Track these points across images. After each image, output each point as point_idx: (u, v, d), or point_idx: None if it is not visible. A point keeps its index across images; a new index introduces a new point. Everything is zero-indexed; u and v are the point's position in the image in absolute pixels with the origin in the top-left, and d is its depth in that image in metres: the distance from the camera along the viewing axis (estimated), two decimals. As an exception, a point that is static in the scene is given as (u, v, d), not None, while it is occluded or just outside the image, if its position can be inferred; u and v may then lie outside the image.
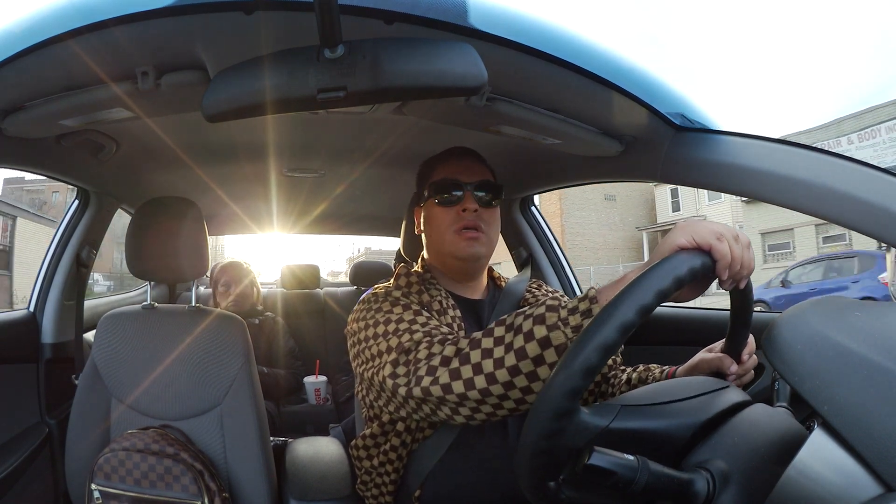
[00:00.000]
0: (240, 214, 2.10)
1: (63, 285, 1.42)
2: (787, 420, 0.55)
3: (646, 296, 0.52)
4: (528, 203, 1.67)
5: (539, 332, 0.64)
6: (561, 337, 0.63)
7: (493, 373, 0.66)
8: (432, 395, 0.69)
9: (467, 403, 0.68)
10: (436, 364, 0.70)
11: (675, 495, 0.49)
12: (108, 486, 1.01)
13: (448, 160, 0.97)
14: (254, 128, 1.17)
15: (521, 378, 0.64)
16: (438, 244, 0.95)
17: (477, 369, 0.67)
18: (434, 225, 0.94)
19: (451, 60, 0.58)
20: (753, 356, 0.78)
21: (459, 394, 0.67)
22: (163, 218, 1.17)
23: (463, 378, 0.67)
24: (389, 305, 0.84)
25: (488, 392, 0.66)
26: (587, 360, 0.49)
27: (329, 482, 1.07)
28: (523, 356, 0.64)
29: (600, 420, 0.53)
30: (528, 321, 0.66)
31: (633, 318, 0.51)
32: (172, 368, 1.14)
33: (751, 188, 0.77)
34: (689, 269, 0.55)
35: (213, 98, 0.61)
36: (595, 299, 0.64)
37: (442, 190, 0.93)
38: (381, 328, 0.80)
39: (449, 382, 0.68)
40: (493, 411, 0.68)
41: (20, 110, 0.85)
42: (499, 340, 0.67)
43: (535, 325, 0.65)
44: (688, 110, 0.86)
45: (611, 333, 0.50)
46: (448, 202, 0.92)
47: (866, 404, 0.40)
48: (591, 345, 0.50)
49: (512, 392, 0.65)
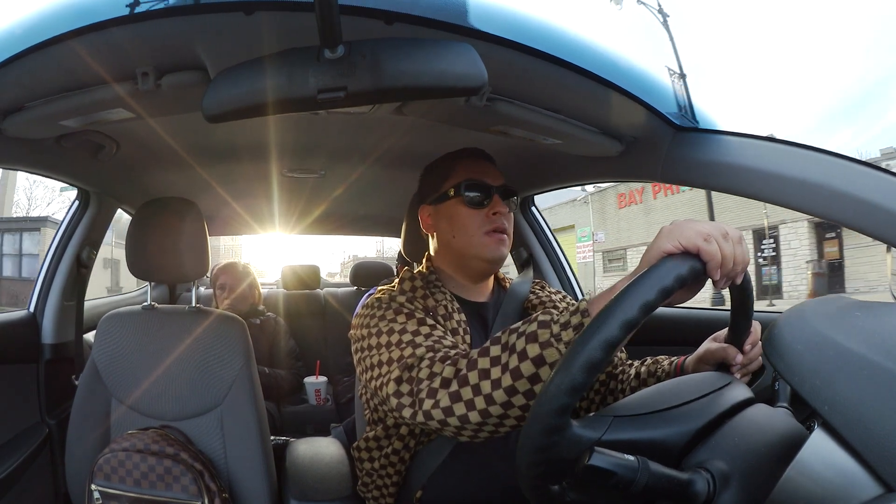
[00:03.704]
0: (240, 215, 2.10)
1: (63, 286, 1.42)
2: (787, 420, 0.55)
3: (631, 310, 0.51)
4: (528, 203, 1.67)
5: (532, 351, 0.64)
6: (554, 354, 0.62)
7: (490, 394, 0.65)
8: (434, 419, 0.69)
9: (468, 426, 0.68)
10: (436, 386, 0.70)
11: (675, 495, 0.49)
12: (108, 486, 1.01)
13: (468, 161, 0.95)
14: (254, 128, 1.17)
15: (519, 397, 0.64)
16: (464, 245, 0.92)
17: (476, 391, 0.67)
18: (460, 225, 0.92)
19: (451, 60, 0.58)
20: (758, 345, 0.77)
21: (460, 416, 0.67)
22: (163, 218, 1.18)
23: (463, 400, 0.67)
24: (393, 314, 0.83)
25: (488, 413, 0.66)
26: (573, 379, 0.49)
27: (329, 483, 1.06)
28: (519, 376, 0.64)
29: (592, 433, 0.52)
30: (522, 340, 0.66)
31: (618, 334, 0.50)
32: (173, 369, 1.14)
33: (751, 188, 0.77)
34: (675, 277, 0.53)
35: (213, 98, 0.61)
36: (587, 312, 0.63)
37: (472, 190, 0.91)
38: (384, 338, 0.80)
39: (450, 405, 0.68)
40: (496, 429, 0.68)
41: (20, 110, 0.85)
42: (495, 360, 0.67)
43: (528, 344, 0.64)
44: (688, 110, 0.86)
45: (596, 353, 0.49)
46: (478, 203, 0.91)
47: (866, 404, 0.40)
48: (577, 363, 0.49)
49: (511, 410, 0.65)
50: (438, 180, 0.96)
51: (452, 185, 0.93)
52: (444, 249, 0.97)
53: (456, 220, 0.93)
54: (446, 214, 0.94)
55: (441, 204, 0.95)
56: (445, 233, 0.95)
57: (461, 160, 0.96)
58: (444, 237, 0.95)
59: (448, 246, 0.95)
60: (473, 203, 0.91)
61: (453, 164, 0.96)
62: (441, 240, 0.96)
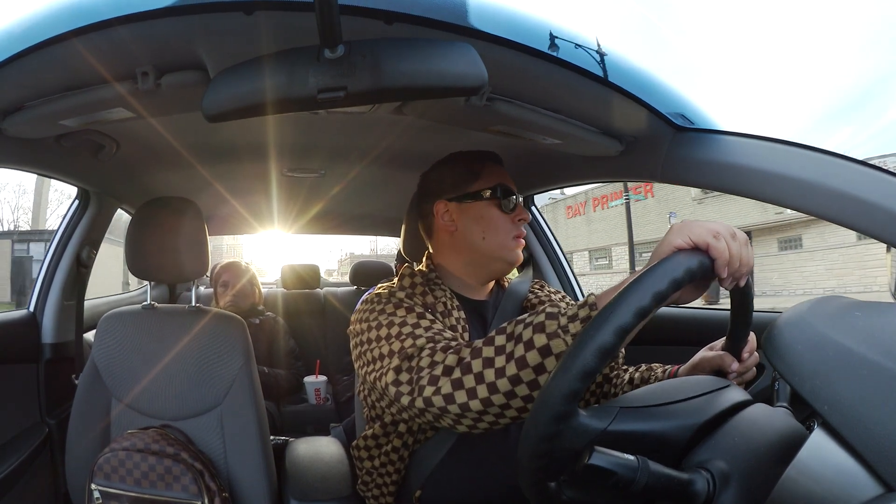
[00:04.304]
0: (239, 213, 2.10)
1: (63, 285, 1.42)
2: (787, 420, 0.55)
3: (643, 298, 0.52)
4: (528, 203, 1.67)
5: (539, 341, 0.64)
6: (561, 345, 0.63)
7: (494, 382, 0.65)
8: (434, 406, 0.69)
9: (469, 414, 0.68)
10: (438, 373, 0.70)
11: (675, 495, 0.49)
12: (108, 486, 1.01)
13: (492, 164, 0.97)
14: (254, 128, 1.17)
15: (523, 387, 0.64)
16: (494, 247, 0.93)
17: (479, 378, 0.67)
18: (493, 227, 0.93)
19: (450, 60, 0.58)
20: (755, 354, 0.78)
21: (461, 404, 0.67)
22: (163, 218, 1.17)
23: (465, 388, 0.67)
24: (393, 307, 0.83)
25: (490, 402, 0.66)
26: (585, 363, 0.49)
27: (329, 482, 1.07)
28: (524, 365, 0.64)
29: (598, 422, 0.53)
30: (528, 330, 0.66)
31: (630, 321, 0.51)
32: (172, 368, 1.14)
33: (751, 188, 0.77)
34: (685, 269, 0.55)
35: (213, 98, 0.61)
36: (595, 306, 0.64)
37: (506, 194, 0.93)
38: (383, 331, 0.80)
39: (451, 392, 0.68)
40: (496, 420, 0.68)
41: (20, 110, 0.85)
42: (500, 349, 0.67)
43: (536, 334, 0.64)
44: (688, 110, 0.86)
45: (608, 337, 0.50)
46: (510, 208, 0.93)
47: (866, 404, 0.40)
48: (589, 348, 0.50)
49: (514, 401, 0.65)
50: (465, 179, 0.95)
51: (487, 187, 0.93)
52: (460, 247, 0.95)
53: (488, 221, 0.93)
54: (475, 214, 0.93)
55: (469, 203, 0.94)
56: (472, 232, 0.93)
57: (486, 163, 0.96)
58: (469, 236, 0.94)
59: (471, 245, 0.94)
60: (506, 207, 0.93)
61: (481, 165, 0.96)
62: (463, 238, 0.95)
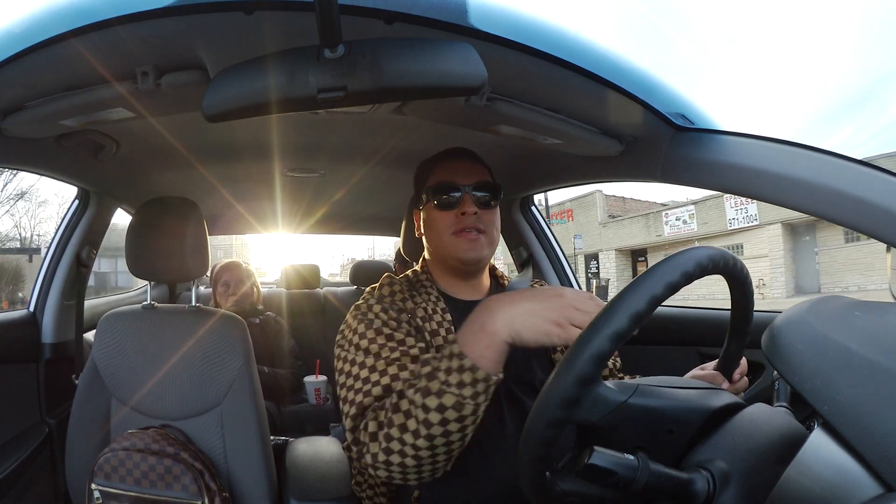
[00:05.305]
0: (240, 214, 2.10)
1: (63, 285, 1.42)
2: (787, 420, 0.55)
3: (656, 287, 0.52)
4: (528, 203, 1.67)
5: (432, 403, 0.66)
6: (451, 399, 0.65)
7: (415, 443, 0.68)
8: (381, 470, 0.72)
9: (410, 470, 0.71)
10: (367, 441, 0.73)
11: (675, 495, 0.49)
12: (109, 485, 1.01)
13: (445, 162, 0.96)
14: (254, 128, 1.17)
15: (439, 437, 0.67)
16: (437, 247, 0.94)
17: (402, 444, 0.69)
18: (434, 228, 0.93)
19: (451, 60, 0.58)
20: (744, 378, 0.79)
21: (399, 464, 0.70)
22: (163, 218, 1.17)
23: (395, 451, 0.70)
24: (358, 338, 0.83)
25: (420, 457, 0.69)
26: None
27: (329, 482, 1.07)
28: (428, 425, 0.67)
29: (619, 395, 0.53)
30: (418, 395, 0.68)
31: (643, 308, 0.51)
32: (173, 368, 1.14)
33: (751, 188, 0.77)
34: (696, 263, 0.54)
35: (213, 98, 0.61)
36: (463, 355, 0.65)
37: (440, 193, 0.92)
38: (346, 366, 0.81)
39: (386, 458, 0.70)
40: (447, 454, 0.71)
41: (20, 110, 0.85)
42: (407, 414, 0.69)
43: (425, 398, 0.67)
44: (688, 110, 0.86)
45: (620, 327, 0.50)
46: (446, 205, 0.91)
47: (867, 404, 0.40)
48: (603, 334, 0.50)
49: (439, 445, 0.68)
50: (419, 185, 0.98)
51: (425, 189, 0.95)
52: (430, 252, 0.99)
53: (430, 223, 0.95)
54: (426, 218, 0.96)
55: (422, 208, 0.97)
56: (427, 237, 0.98)
57: (438, 162, 0.97)
58: (427, 241, 0.98)
59: (430, 249, 0.98)
60: (443, 205, 0.92)
61: (431, 167, 0.97)
62: (426, 243, 0.99)
